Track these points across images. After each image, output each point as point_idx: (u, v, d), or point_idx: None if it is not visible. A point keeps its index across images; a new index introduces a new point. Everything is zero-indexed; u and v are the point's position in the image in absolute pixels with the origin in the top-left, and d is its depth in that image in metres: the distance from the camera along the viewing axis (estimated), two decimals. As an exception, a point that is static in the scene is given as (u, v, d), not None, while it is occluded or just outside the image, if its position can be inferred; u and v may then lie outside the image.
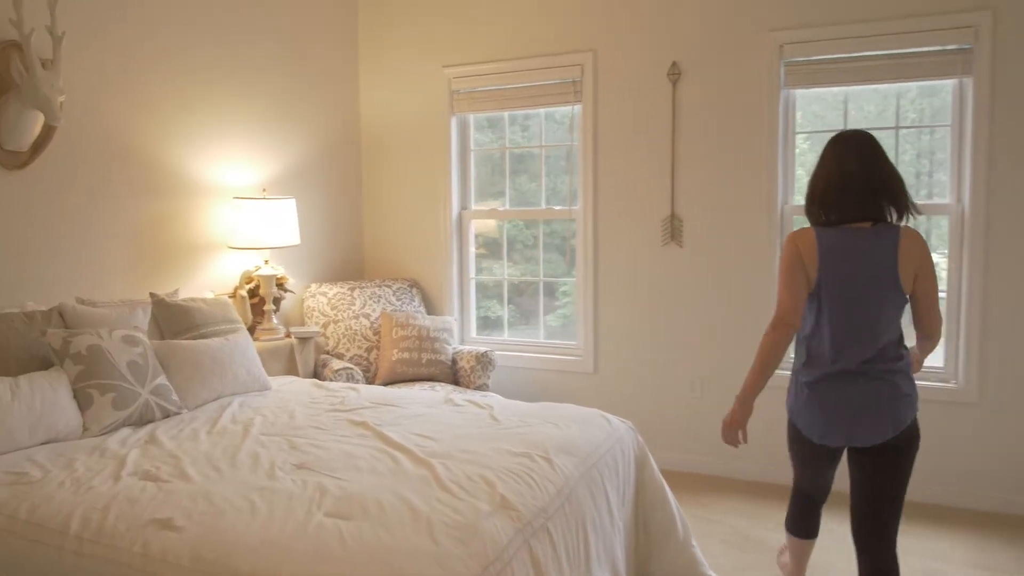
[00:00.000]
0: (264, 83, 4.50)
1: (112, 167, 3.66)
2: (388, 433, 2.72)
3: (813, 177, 2.38)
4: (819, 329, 2.32)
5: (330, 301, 4.74)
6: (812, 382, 2.36)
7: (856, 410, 2.29)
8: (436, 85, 5.02)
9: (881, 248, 2.24)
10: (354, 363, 4.59)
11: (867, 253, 2.24)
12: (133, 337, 3.06)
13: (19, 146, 3.23)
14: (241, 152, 4.36)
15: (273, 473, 2.34)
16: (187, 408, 3.12)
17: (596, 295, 4.69)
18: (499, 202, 5.12)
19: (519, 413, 3.02)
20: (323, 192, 4.98)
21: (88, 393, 2.81)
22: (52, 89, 3.10)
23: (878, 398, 2.27)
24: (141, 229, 3.81)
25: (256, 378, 3.44)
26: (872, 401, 2.27)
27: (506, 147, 5.06)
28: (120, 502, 2.10)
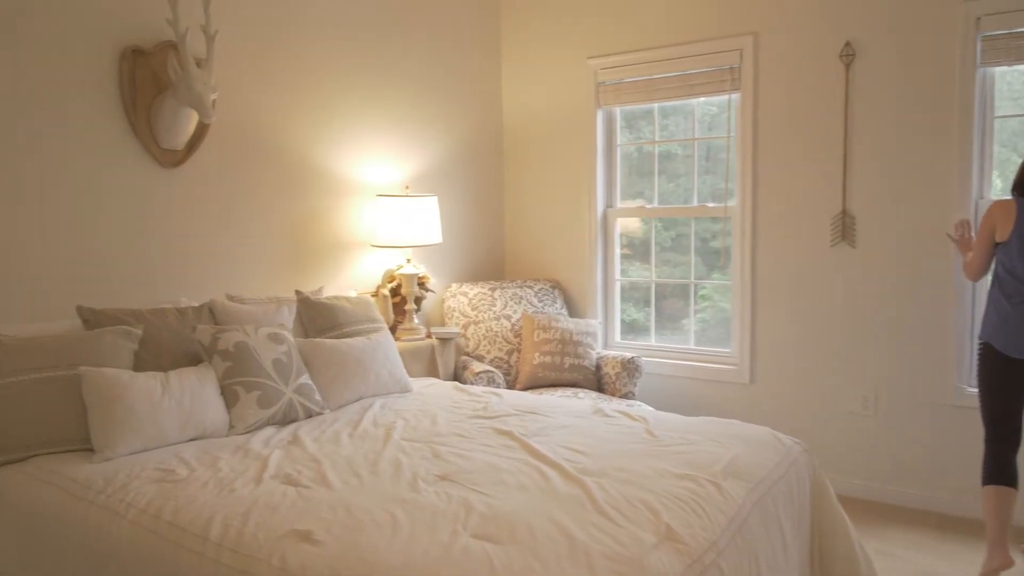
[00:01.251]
0: (408, 80, 4.44)
1: (261, 165, 3.68)
2: (535, 445, 2.51)
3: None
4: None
5: (470, 301, 4.61)
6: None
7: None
8: (580, 78, 4.79)
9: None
10: (494, 366, 4.44)
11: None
12: (278, 335, 3.02)
13: (174, 144, 3.29)
14: (385, 150, 4.32)
15: (415, 484, 2.18)
16: (329, 408, 3.05)
17: (753, 299, 4.30)
18: (643, 200, 4.82)
19: (677, 428, 2.73)
20: (464, 190, 4.87)
21: (234, 390, 2.78)
22: (205, 87, 3.12)
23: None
24: (288, 227, 3.81)
25: (398, 380, 3.33)
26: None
27: (655, 140, 4.75)
28: (260, 508, 2.00)
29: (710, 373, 4.46)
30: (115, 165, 3.14)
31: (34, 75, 2.89)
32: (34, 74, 2.89)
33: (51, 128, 2.95)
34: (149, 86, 3.20)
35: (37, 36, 2.90)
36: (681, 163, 4.69)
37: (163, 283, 3.28)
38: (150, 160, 3.24)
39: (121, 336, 2.73)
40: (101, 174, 3.10)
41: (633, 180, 4.89)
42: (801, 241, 4.12)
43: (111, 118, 3.12)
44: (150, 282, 3.24)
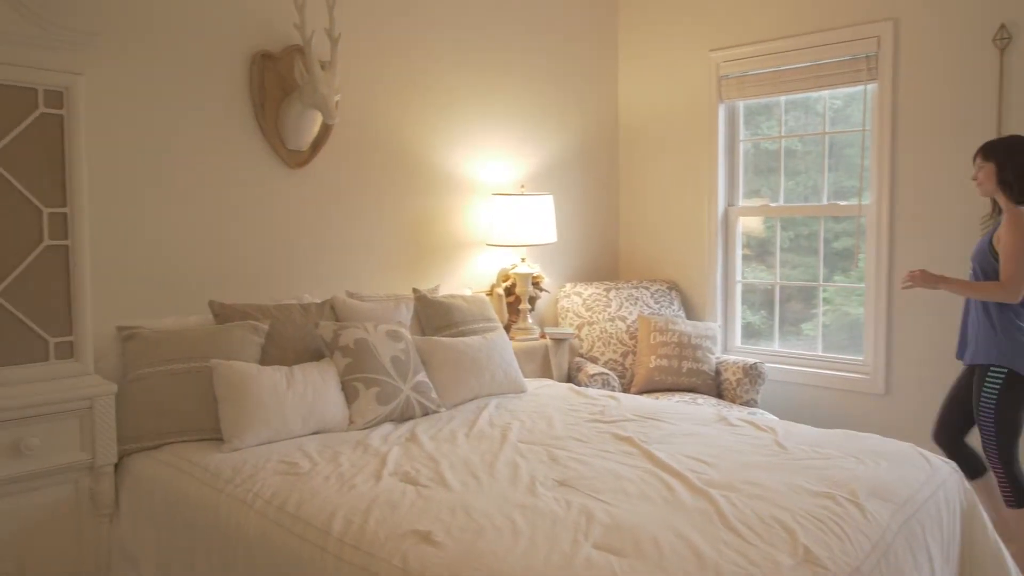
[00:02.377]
0: (524, 78, 4.41)
1: (380, 165, 3.73)
2: (657, 453, 2.41)
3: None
4: None
5: (585, 302, 4.53)
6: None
7: None
8: (701, 72, 4.62)
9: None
10: (608, 368, 4.34)
11: None
12: (397, 332, 3.04)
13: (299, 145, 3.37)
14: (501, 149, 4.30)
15: (534, 488, 2.13)
16: (445, 407, 3.05)
17: (889, 303, 4.01)
18: (764, 198, 4.60)
19: (809, 441, 2.55)
20: (579, 188, 4.79)
21: (354, 386, 2.81)
22: (329, 89, 3.18)
23: None
24: (406, 225, 3.85)
25: (513, 380, 3.30)
26: None
27: (780, 135, 4.52)
28: (381, 505, 2.00)
29: (839, 382, 4.19)
30: (245, 165, 3.25)
31: (173, 79, 3.03)
32: (173, 78, 3.03)
33: (187, 130, 3.08)
34: (277, 89, 3.29)
35: (176, 43, 3.03)
36: (801, 159, 4.44)
37: (288, 279, 3.38)
38: (277, 160, 3.34)
39: (249, 331, 2.81)
40: (232, 174, 3.22)
41: (751, 177, 4.67)
42: (944, 242, 3.81)
43: (241, 120, 3.23)
44: (276, 278, 3.34)
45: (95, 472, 2.40)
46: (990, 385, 2.95)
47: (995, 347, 2.96)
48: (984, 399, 2.98)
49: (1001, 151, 3.00)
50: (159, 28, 2.99)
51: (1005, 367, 2.93)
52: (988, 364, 2.98)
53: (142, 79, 2.95)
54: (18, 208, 2.29)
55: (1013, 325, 2.93)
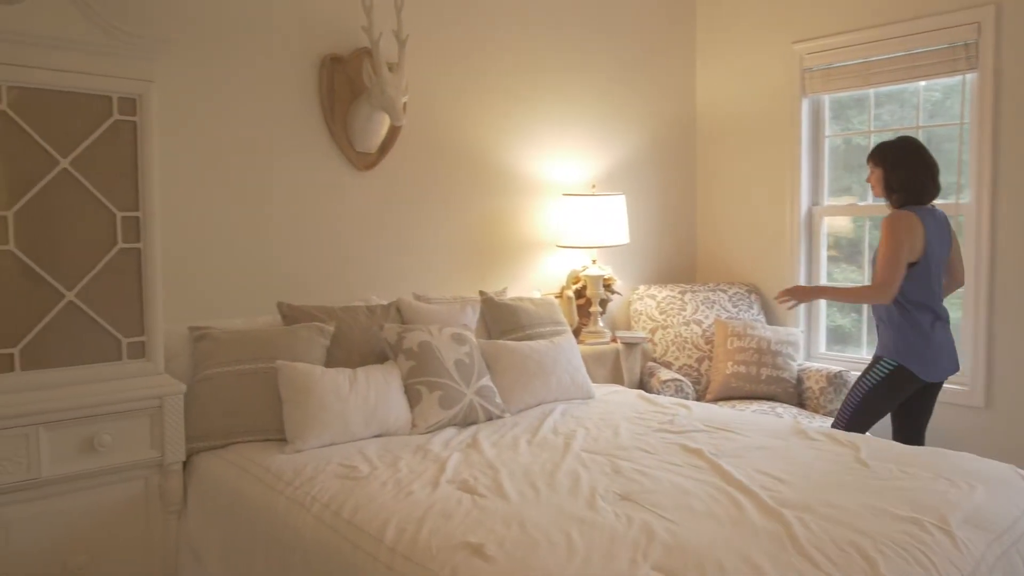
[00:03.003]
0: (596, 75, 4.31)
1: (448, 166, 3.70)
2: (728, 468, 2.28)
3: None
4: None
5: (659, 305, 4.40)
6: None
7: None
8: (784, 65, 4.41)
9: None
10: (682, 374, 4.20)
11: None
12: (461, 335, 3.00)
13: (368, 147, 3.38)
14: (571, 148, 4.21)
15: (594, 502, 2.04)
16: (509, 412, 2.99)
17: (991, 310, 3.72)
18: (853, 196, 4.35)
19: (895, 459, 2.37)
20: (653, 187, 4.65)
21: (417, 389, 2.79)
22: (396, 91, 3.17)
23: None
24: (473, 227, 3.82)
25: (580, 385, 3.21)
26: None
27: (869, 130, 4.27)
28: (435, 515, 1.95)
29: (935, 393, 3.92)
30: (314, 168, 3.28)
31: (243, 83, 3.08)
32: (243, 82, 3.08)
33: (257, 134, 3.13)
34: (346, 92, 3.31)
35: (246, 47, 3.09)
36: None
37: (356, 281, 3.39)
38: (346, 163, 3.35)
39: (315, 332, 2.83)
40: (301, 177, 3.25)
41: (840, 175, 4.44)
42: (1054, 243, 3.52)
43: (310, 123, 3.26)
44: (344, 280, 3.36)
45: (164, 469, 2.45)
46: (877, 372, 3.04)
47: (892, 341, 3.04)
48: (866, 380, 3.06)
49: (888, 157, 3.05)
50: (230, 33, 3.04)
51: (896, 361, 3.00)
52: (882, 356, 3.06)
53: (213, 83, 3.01)
54: (93, 212, 2.36)
55: (907, 322, 3.00)
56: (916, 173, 2.99)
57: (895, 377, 3.01)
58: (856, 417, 3.07)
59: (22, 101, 2.23)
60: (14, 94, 2.21)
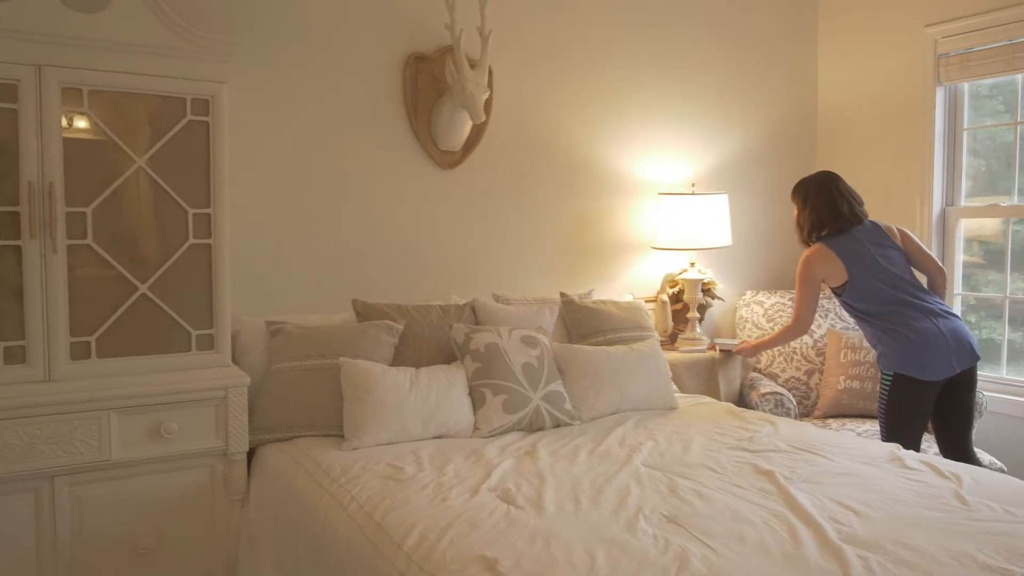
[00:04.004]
0: (699, 69, 4.07)
1: (536, 165, 3.62)
2: (797, 494, 2.06)
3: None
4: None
5: (766, 312, 4.10)
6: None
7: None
8: (915, 50, 4.00)
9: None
10: (789, 387, 3.89)
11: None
12: (532, 338, 2.91)
13: (452, 146, 3.36)
14: (669, 145, 4.01)
15: (635, 522, 1.89)
16: (580, 419, 2.87)
17: None
18: (1000, 196, 3.87)
19: (1004, 496, 2.05)
20: (765, 187, 4.35)
21: (481, 392, 2.73)
22: (477, 87, 3.13)
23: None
24: (563, 227, 3.71)
25: (660, 395, 3.04)
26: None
27: (1017, 121, 3.78)
28: (461, 524, 1.88)
29: (1086, 421, 3.42)
30: (398, 167, 3.29)
31: (327, 82, 3.15)
32: (327, 81, 3.15)
33: (341, 132, 3.18)
34: (430, 90, 3.30)
35: (329, 46, 3.14)
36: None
37: (438, 280, 3.38)
38: (429, 161, 3.35)
39: (383, 331, 2.83)
40: (385, 175, 3.27)
41: (982, 172, 3.96)
42: None
43: (394, 121, 3.28)
44: (426, 278, 3.36)
45: (228, 459, 2.53)
46: (882, 389, 3.02)
47: (879, 354, 3.03)
48: (880, 399, 3.04)
49: (799, 194, 3.16)
50: (312, 32, 3.11)
51: (890, 371, 2.95)
52: (881, 371, 3.04)
53: (295, 81, 3.08)
54: (166, 209, 2.47)
55: (885, 332, 2.98)
56: (820, 210, 3.07)
57: (898, 386, 2.94)
58: (892, 439, 2.90)
59: (101, 103, 2.37)
60: (94, 96, 2.35)
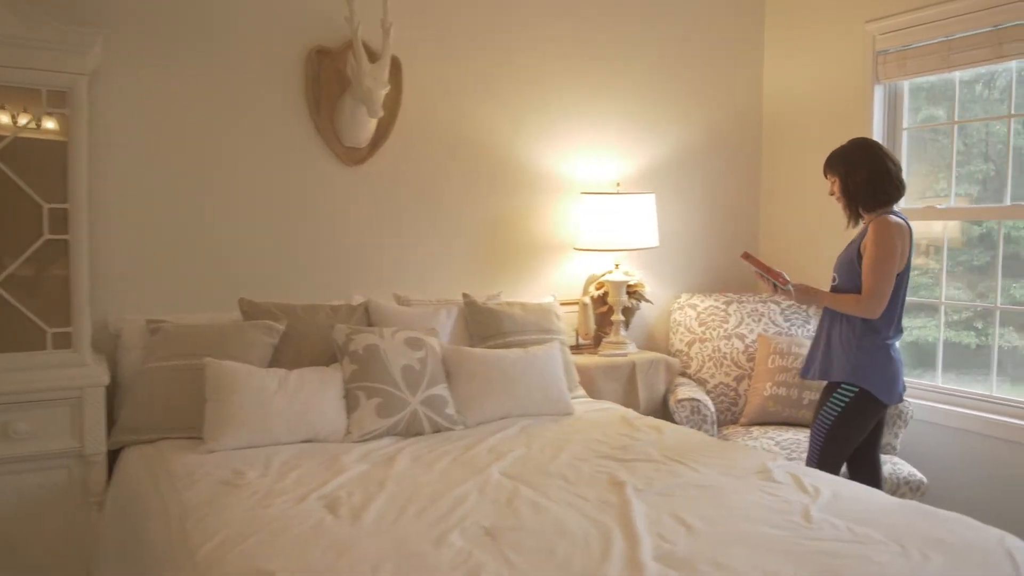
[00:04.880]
0: (634, 66, 3.96)
1: (450, 162, 3.53)
2: (638, 508, 1.96)
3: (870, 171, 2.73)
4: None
5: (699, 316, 3.99)
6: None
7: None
8: (855, 47, 3.86)
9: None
10: (718, 393, 3.78)
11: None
12: (418, 340, 2.83)
13: (357, 142, 3.28)
14: (598, 144, 3.90)
15: (448, 535, 1.81)
16: (464, 424, 2.78)
17: (1086, 337, 3.05)
18: (935, 198, 3.73)
19: (855, 514, 1.94)
20: (702, 187, 4.23)
21: (356, 395, 2.65)
22: (375, 82, 3.05)
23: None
24: (481, 227, 3.62)
25: (554, 400, 2.94)
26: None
27: (954, 120, 3.64)
28: (266, 533, 1.81)
29: (1014, 432, 3.27)
30: (300, 163, 3.22)
31: (225, 76, 3.07)
32: (225, 75, 3.07)
33: (240, 128, 3.11)
34: (333, 85, 3.23)
35: (229, 38, 3.07)
36: (1010, 141, 3.48)
37: (341, 280, 3.30)
38: (332, 158, 3.27)
39: (261, 331, 2.76)
40: (285, 172, 3.20)
41: (923, 174, 3.83)
42: None
43: (296, 116, 3.21)
44: (331, 278, 3.28)
45: (85, 461, 2.47)
46: (837, 401, 2.70)
47: (850, 363, 2.69)
48: (827, 412, 2.73)
49: (839, 162, 2.78)
50: (209, 23, 3.03)
51: (857, 385, 2.67)
52: (840, 381, 2.71)
53: (190, 76, 3.01)
54: (19, 204, 2.41)
55: (874, 345, 2.68)
56: (874, 171, 2.70)
57: (860, 403, 2.69)
58: (826, 454, 2.74)
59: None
60: (-61, 88, 2.30)
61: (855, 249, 2.74)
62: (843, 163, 2.76)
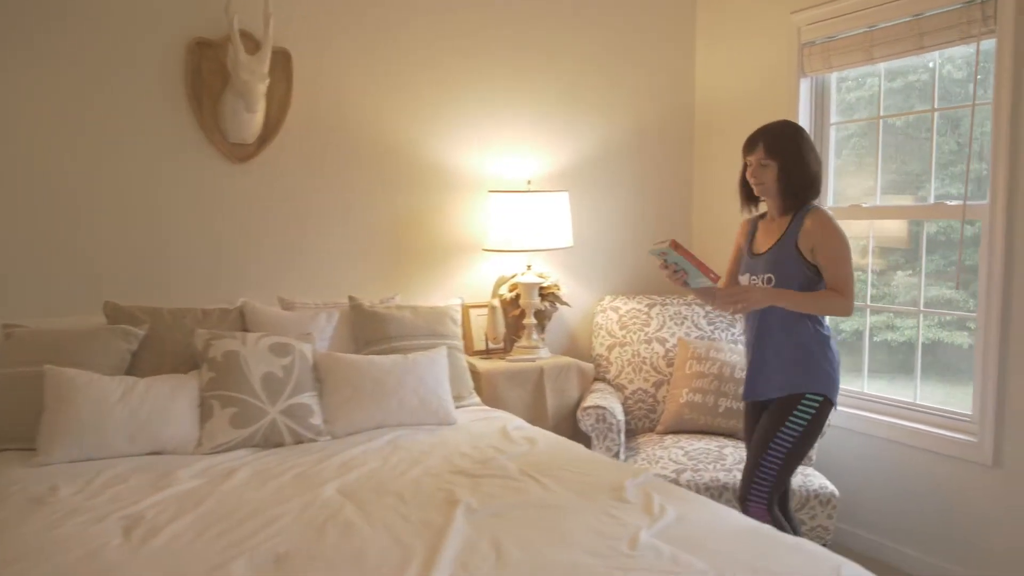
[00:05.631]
0: (555, 61, 3.80)
1: (348, 158, 3.39)
2: (457, 532, 1.82)
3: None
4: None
5: (620, 319, 3.83)
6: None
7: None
8: (781, 39, 3.71)
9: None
10: (636, 399, 3.63)
11: None
12: (285, 346, 2.68)
13: (243, 138, 3.14)
14: (510, 140, 3.74)
15: (229, 563, 1.66)
16: (332, 435, 2.64)
17: (1003, 340, 2.89)
18: (867, 197, 3.57)
19: (692, 541, 1.78)
20: (629, 185, 4.07)
21: (211, 404, 2.51)
22: (253, 75, 2.92)
23: None
24: (383, 226, 3.48)
25: (433, 409, 2.79)
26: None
27: (879, 115, 3.48)
28: (36, 555, 1.68)
29: (938, 443, 3.10)
30: (179, 159, 3.08)
31: (99, 69, 2.94)
32: (99, 68, 2.93)
33: (117, 123, 2.98)
34: (216, 78, 3.09)
35: (108, 28, 2.93)
36: (933, 139, 3.32)
37: (228, 282, 3.16)
38: (216, 154, 3.13)
39: (118, 336, 2.62)
40: (163, 169, 3.07)
41: (853, 171, 3.67)
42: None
43: (176, 112, 3.07)
44: (213, 281, 3.14)
45: (-90, 473, 2.33)
46: (803, 413, 2.41)
47: (820, 371, 2.43)
48: (790, 427, 2.41)
49: (781, 145, 2.45)
50: (78, 8, 2.89)
51: (823, 394, 2.42)
52: (804, 392, 2.42)
53: (57, 65, 2.87)
54: None
55: (826, 342, 2.46)
56: (815, 161, 2.48)
57: (822, 412, 2.45)
58: (785, 472, 2.46)
59: None
60: None
61: (792, 246, 2.45)
62: (787, 147, 2.44)
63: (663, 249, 2.32)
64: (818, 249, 2.41)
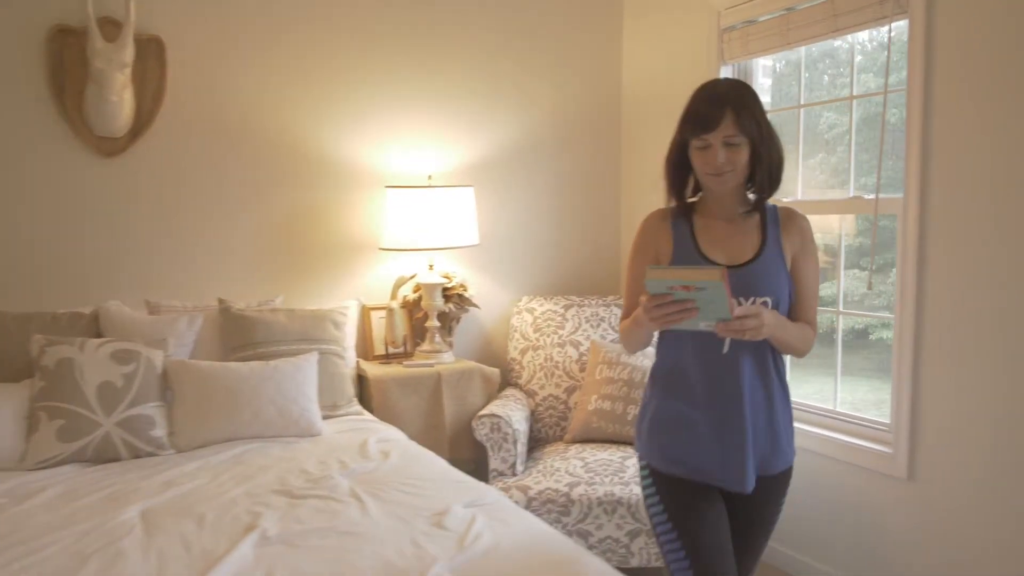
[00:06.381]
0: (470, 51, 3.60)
1: (230, 152, 3.20)
2: (229, 563, 1.64)
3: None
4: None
5: (535, 321, 3.63)
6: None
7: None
8: (700, 24, 3.50)
9: None
10: (547, 406, 3.44)
11: None
12: (130, 353, 2.50)
13: (111, 131, 2.96)
14: (415, 134, 3.54)
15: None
16: (177, 449, 2.45)
17: (917, 346, 2.67)
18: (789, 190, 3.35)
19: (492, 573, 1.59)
20: (555, 179, 3.86)
21: (38, 416, 2.34)
22: (109, 63, 2.75)
23: None
24: (267, 224, 3.28)
25: (294, 420, 2.60)
26: None
27: (800, 104, 3.26)
28: None
29: (856, 454, 2.88)
30: (37, 153, 2.90)
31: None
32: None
33: (-35, 115, 2.81)
34: (79, 68, 2.90)
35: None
36: (852, 135, 3.12)
37: (94, 284, 2.97)
38: (82, 148, 2.95)
39: (-55, 342, 2.45)
40: (24, 162, 2.89)
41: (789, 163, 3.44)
42: (1006, 258, 2.42)
43: (36, 103, 2.89)
44: (80, 283, 2.95)
45: None
46: (787, 484, 1.88)
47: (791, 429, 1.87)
48: (782, 504, 1.90)
49: (754, 119, 1.71)
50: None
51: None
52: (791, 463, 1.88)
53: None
54: None
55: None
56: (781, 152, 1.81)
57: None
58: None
59: None
60: None
61: (778, 255, 1.80)
62: (760, 118, 1.74)
63: (704, 283, 1.47)
64: (800, 260, 1.83)
